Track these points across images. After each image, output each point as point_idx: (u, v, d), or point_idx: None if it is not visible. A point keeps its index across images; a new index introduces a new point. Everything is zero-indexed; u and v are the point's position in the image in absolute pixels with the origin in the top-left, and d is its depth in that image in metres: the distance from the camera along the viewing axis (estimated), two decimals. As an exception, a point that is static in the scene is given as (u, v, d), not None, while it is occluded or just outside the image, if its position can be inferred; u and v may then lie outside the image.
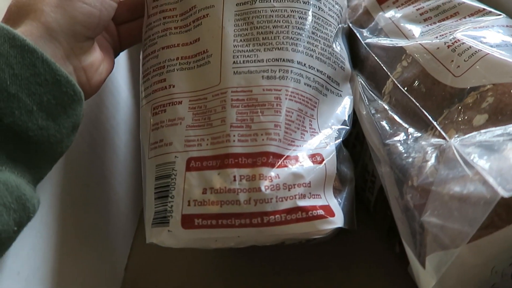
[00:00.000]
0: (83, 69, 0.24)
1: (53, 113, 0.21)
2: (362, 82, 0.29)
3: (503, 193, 0.17)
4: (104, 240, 0.32)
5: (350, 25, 0.32)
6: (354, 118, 0.29)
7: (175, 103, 0.26)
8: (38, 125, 0.21)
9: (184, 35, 0.28)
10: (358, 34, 0.31)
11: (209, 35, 0.27)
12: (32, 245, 0.23)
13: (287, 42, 0.26)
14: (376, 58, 0.29)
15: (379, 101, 0.28)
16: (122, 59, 0.40)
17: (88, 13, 0.23)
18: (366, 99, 0.29)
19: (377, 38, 0.30)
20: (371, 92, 0.29)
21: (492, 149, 0.20)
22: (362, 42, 0.30)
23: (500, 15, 0.27)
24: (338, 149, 0.26)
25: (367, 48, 0.30)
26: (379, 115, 0.27)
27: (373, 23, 0.31)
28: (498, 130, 0.21)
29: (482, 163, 0.19)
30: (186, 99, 0.26)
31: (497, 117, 0.22)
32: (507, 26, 0.26)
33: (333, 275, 0.31)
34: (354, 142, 0.33)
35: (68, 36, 0.23)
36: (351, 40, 0.32)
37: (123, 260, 0.35)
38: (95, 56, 0.25)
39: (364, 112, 0.28)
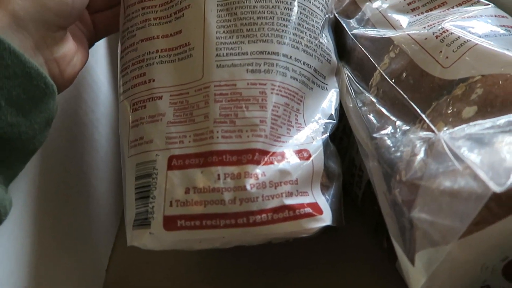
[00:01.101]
0: (55, 61, 0.23)
1: (23, 108, 0.20)
2: (349, 73, 0.29)
3: (495, 188, 0.17)
4: (84, 240, 0.31)
5: (336, 15, 0.31)
6: (341, 111, 0.28)
7: (155, 98, 0.25)
8: (8, 122, 0.19)
9: (164, 27, 0.26)
10: (344, 25, 0.30)
11: (191, 27, 0.25)
12: (5, 248, 0.22)
13: (272, 34, 0.25)
14: (363, 49, 0.28)
15: (366, 94, 0.27)
16: (101, 50, 0.38)
17: (59, 1, 0.22)
18: (352, 91, 0.28)
19: (364, 29, 0.29)
20: (357, 85, 0.28)
21: (483, 142, 0.19)
22: (349, 33, 0.30)
23: (488, 4, 0.26)
24: (325, 144, 0.25)
25: (354, 39, 0.29)
26: (366, 108, 0.26)
27: (360, 13, 0.30)
28: (487, 122, 0.20)
29: (473, 156, 0.18)
30: (167, 94, 0.25)
31: (486, 109, 0.21)
32: (495, 16, 0.25)
33: (321, 272, 0.31)
34: (341, 136, 0.33)
35: (38, 25, 0.21)
36: (337, 31, 0.31)
37: (104, 261, 0.34)
38: (68, 47, 0.24)
39: (351, 105, 0.27)
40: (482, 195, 0.17)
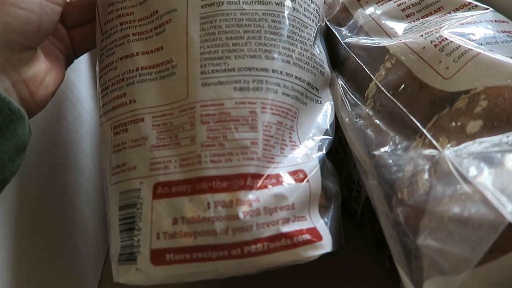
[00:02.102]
0: (24, 83, 0.21)
1: None
2: (343, 84, 0.27)
3: (510, 217, 0.15)
4: (70, 268, 0.29)
5: (328, 23, 0.30)
6: (336, 123, 0.27)
7: (137, 120, 0.23)
8: None
9: (144, 43, 0.25)
10: (336, 33, 0.29)
11: (173, 43, 0.24)
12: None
13: (260, 49, 0.23)
14: (357, 59, 0.27)
15: (362, 106, 0.26)
16: (83, 65, 0.37)
17: (24, 20, 0.20)
18: (348, 103, 0.26)
19: (357, 37, 0.28)
20: (352, 96, 0.27)
21: (492, 162, 0.18)
22: (341, 42, 0.28)
23: (487, 9, 0.25)
24: (322, 162, 0.24)
25: (347, 49, 0.28)
26: (363, 121, 0.25)
27: (352, 20, 0.29)
28: (495, 139, 0.19)
29: (482, 178, 0.17)
30: (149, 115, 0.23)
31: (492, 123, 0.20)
32: (495, 21, 0.24)
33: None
34: (337, 148, 0.31)
35: (2, 47, 0.20)
36: (329, 40, 0.30)
37: (93, 286, 0.32)
38: (39, 66, 0.22)
39: (347, 119, 0.26)
40: (496, 225, 0.15)
